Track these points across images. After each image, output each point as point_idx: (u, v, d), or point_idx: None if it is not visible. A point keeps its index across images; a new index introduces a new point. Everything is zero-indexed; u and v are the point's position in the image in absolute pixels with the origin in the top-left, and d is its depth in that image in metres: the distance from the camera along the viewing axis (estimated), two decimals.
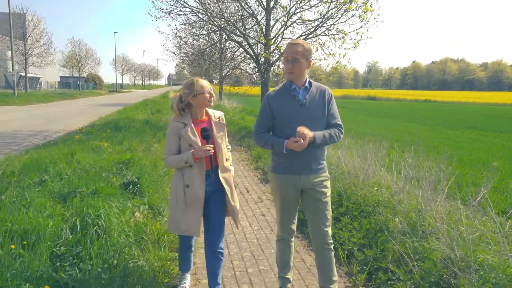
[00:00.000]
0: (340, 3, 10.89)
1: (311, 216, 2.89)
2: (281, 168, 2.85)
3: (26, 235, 2.95)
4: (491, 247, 3.18)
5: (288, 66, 2.73)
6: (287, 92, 2.81)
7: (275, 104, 2.81)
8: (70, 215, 3.37)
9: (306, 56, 2.72)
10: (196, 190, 2.72)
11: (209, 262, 2.88)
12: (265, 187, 6.73)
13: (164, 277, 3.21)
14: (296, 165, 2.79)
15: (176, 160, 2.74)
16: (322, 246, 2.87)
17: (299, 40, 2.76)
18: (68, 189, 4.21)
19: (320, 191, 2.83)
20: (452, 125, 22.68)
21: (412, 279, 3.01)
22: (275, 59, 12.29)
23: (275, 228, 4.79)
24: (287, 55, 2.73)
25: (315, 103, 2.79)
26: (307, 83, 2.82)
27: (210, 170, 2.83)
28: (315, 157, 2.81)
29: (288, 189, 2.85)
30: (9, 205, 3.44)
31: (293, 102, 2.78)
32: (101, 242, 3.09)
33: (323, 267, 2.89)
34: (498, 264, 2.85)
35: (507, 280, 2.69)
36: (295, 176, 2.81)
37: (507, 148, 13.55)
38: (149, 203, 4.50)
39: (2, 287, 2.32)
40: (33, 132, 12.67)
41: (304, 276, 3.53)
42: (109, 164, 5.73)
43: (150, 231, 3.74)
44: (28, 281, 2.41)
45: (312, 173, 2.82)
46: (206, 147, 2.67)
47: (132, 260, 3.11)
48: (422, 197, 3.98)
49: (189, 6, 11.97)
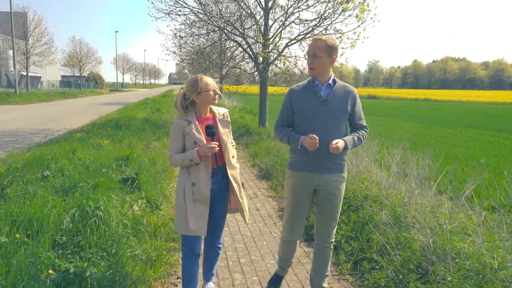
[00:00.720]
0: (337, 3, 11.05)
1: (319, 216, 2.91)
2: (298, 165, 2.84)
3: (30, 225, 3.14)
4: (470, 237, 3.36)
5: (309, 60, 2.70)
6: (310, 88, 2.79)
7: (297, 99, 2.79)
8: (71, 207, 3.56)
9: (328, 52, 2.66)
10: (202, 189, 2.69)
11: (206, 253, 2.96)
12: (260, 183, 6.91)
13: (160, 266, 3.40)
14: (311, 162, 2.76)
15: (181, 158, 2.69)
16: (323, 244, 2.92)
17: (323, 36, 2.71)
18: (69, 184, 4.41)
19: (333, 192, 2.81)
20: (451, 124, 22.84)
21: (393, 267, 3.20)
22: (273, 58, 12.47)
23: (268, 221, 4.97)
24: (308, 50, 2.71)
25: (337, 101, 2.75)
26: (331, 80, 2.77)
27: (216, 168, 2.80)
28: (332, 156, 2.73)
29: (301, 186, 2.83)
30: (14, 198, 3.64)
31: (314, 98, 2.75)
32: (100, 232, 3.28)
33: (319, 263, 2.96)
34: (473, 253, 3.03)
35: (480, 266, 2.87)
36: (310, 174, 2.79)
37: (503, 146, 13.71)
38: (147, 198, 4.70)
39: (9, 272, 2.50)
40: (34, 131, 12.86)
41: (293, 266, 3.71)
42: (109, 160, 5.92)
43: (147, 223, 3.94)
44: (33, 266, 2.60)
45: (328, 172, 2.79)
46: (211, 145, 2.62)
47: (130, 249, 3.29)
48: (407, 191, 4.16)
49: (188, 7, 12.13)
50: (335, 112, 2.74)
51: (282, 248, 3.11)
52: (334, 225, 2.91)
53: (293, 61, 12.92)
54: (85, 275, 2.63)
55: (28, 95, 32.48)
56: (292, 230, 2.96)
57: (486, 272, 2.80)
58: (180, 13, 12.39)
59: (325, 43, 2.65)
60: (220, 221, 2.93)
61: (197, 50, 17.04)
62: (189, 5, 12.13)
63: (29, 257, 2.65)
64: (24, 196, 3.75)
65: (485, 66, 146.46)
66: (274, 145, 8.83)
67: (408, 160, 5.04)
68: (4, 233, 2.95)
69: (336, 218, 2.89)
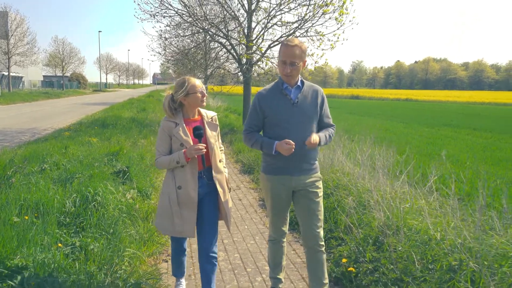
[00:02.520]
0: (317, 6, 11.57)
1: (302, 217, 2.86)
2: (272, 169, 2.81)
3: (37, 208, 3.55)
4: (422, 217, 3.89)
5: (287, 70, 2.64)
6: (279, 91, 2.75)
7: (266, 103, 2.75)
8: (71, 193, 3.97)
9: (303, 57, 2.67)
10: (189, 191, 2.66)
11: (202, 267, 2.84)
12: (243, 177, 7.39)
13: (152, 245, 3.84)
14: (287, 165, 2.74)
15: (168, 160, 2.65)
16: (313, 248, 2.84)
17: (295, 40, 2.61)
18: (66, 175, 4.81)
19: (312, 191, 2.80)
20: (429, 122, 23.53)
21: (355, 242, 3.70)
22: (256, 59, 12.94)
23: (249, 210, 5.44)
24: (284, 58, 2.63)
25: (308, 102, 2.74)
26: (299, 82, 2.76)
27: (203, 171, 2.76)
28: (307, 157, 2.77)
29: (279, 190, 2.80)
30: (19, 186, 4.03)
31: (285, 101, 2.72)
32: (99, 214, 3.70)
33: (314, 270, 2.87)
34: (422, 228, 3.55)
35: (427, 238, 3.40)
36: (286, 176, 2.77)
37: (475, 144, 14.42)
38: (138, 188, 5.13)
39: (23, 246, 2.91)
40: (22, 130, 13.08)
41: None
42: (100, 155, 6.32)
43: (139, 209, 4.37)
44: (43, 241, 3.01)
45: (304, 174, 2.78)
46: (198, 146, 2.59)
47: (126, 230, 3.72)
48: (371, 178, 4.69)
49: (173, 9, 12.50)
50: (307, 113, 2.73)
51: (271, 250, 3.06)
52: (321, 226, 2.86)
53: (276, 62, 13.42)
54: (89, 247, 3.06)
55: (11, 95, 32.29)
56: (277, 228, 2.95)
57: (431, 243, 3.32)
58: (166, 15, 12.76)
59: (300, 49, 2.62)
60: (210, 225, 2.82)
61: (181, 51, 17.39)
62: (174, 7, 12.52)
63: (39, 233, 3.06)
64: (27, 185, 4.14)
65: (465, 67, 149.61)
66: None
67: (375, 154, 5.58)
68: (15, 214, 3.35)
69: (320, 219, 2.86)
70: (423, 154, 11.22)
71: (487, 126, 21.74)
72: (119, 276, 2.92)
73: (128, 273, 3.01)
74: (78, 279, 2.61)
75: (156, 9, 12.41)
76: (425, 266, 3.10)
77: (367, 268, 3.28)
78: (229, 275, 3.52)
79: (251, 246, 4.17)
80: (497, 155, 11.67)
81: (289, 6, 12.04)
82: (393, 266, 3.17)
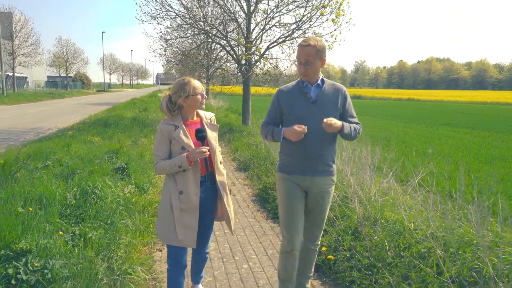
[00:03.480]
0: (314, 7, 11.83)
1: (307, 220, 2.87)
2: (287, 167, 2.81)
3: (40, 201, 3.83)
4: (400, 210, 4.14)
5: (302, 69, 2.65)
6: (299, 88, 2.76)
7: (285, 100, 2.76)
8: (72, 187, 4.26)
9: (319, 56, 2.64)
10: (190, 197, 2.57)
11: (194, 259, 2.93)
12: (239, 174, 7.66)
13: (147, 235, 4.11)
14: (302, 164, 2.73)
15: (169, 165, 2.54)
16: (309, 247, 2.94)
17: (310, 39, 2.61)
18: (68, 171, 5.10)
19: (322, 195, 2.80)
20: (428, 122, 23.66)
21: (336, 233, 3.96)
22: (254, 60, 13.21)
23: (242, 204, 5.71)
24: (299, 57, 2.65)
25: (327, 101, 2.73)
26: (320, 80, 2.75)
27: (206, 176, 2.69)
28: (323, 158, 2.73)
29: (294, 190, 2.78)
30: (23, 181, 4.32)
31: (304, 99, 2.72)
32: (98, 207, 3.98)
33: (304, 264, 2.99)
34: (397, 219, 3.81)
35: (402, 228, 3.65)
36: (300, 176, 2.75)
37: (472, 143, 14.57)
38: (136, 184, 5.41)
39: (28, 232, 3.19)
40: (26, 129, 13.41)
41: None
42: (101, 153, 6.61)
43: (136, 202, 4.65)
44: (46, 229, 3.28)
45: (318, 175, 2.75)
46: (202, 149, 2.51)
47: (122, 221, 4.00)
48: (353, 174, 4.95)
49: (174, 10, 12.80)
50: (326, 112, 2.69)
51: (282, 262, 2.90)
52: (321, 228, 2.91)
53: (274, 63, 13.68)
54: (87, 235, 3.33)
55: (16, 96, 32.71)
56: (291, 236, 2.79)
57: (404, 233, 3.58)
58: (166, 17, 13.06)
59: (315, 49, 2.60)
60: (208, 230, 2.86)
61: (182, 52, 17.67)
62: (174, 9, 12.81)
63: (42, 222, 3.34)
64: (31, 180, 4.43)
65: (468, 67, 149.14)
66: (253, 141, 9.58)
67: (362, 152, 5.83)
68: (20, 206, 3.63)
69: (323, 221, 2.89)
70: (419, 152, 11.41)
71: (486, 125, 21.85)
72: (114, 261, 3.19)
73: (123, 259, 3.28)
74: (77, 262, 2.88)
75: (157, 11, 12.72)
76: (397, 254, 3.36)
77: (344, 255, 3.55)
78: (218, 263, 3.79)
79: (240, 238, 4.43)
80: (491, 154, 11.81)
81: (287, 8, 12.32)
82: (367, 254, 3.43)
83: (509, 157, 11.27)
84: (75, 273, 2.79)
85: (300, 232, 2.81)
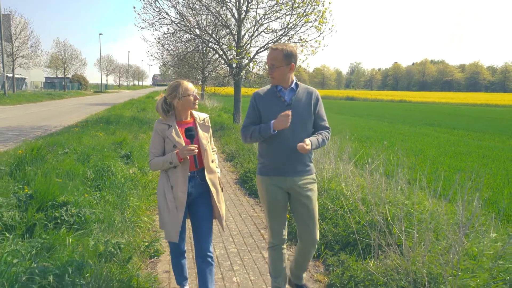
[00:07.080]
0: (299, 16, 13.01)
1: (298, 221, 2.92)
2: (267, 170, 2.85)
3: (68, 175, 5.01)
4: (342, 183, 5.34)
5: (269, 70, 2.75)
6: (274, 92, 2.82)
7: (261, 103, 2.82)
8: (90, 167, 5.46)
9: (286, 61, 2.70)
10: (177, 193, 2.71)
11: (199, 267, 2.82)
12: (225, 163, 8.89)
13: (149, 202, 5.30)
14: (281, 166, 2.78)
15: (161, 161, 2.71)
16: (308, 245, 2.97)
17: (280, 44, 2.72)
18: (84, 156, 6.28)
19: (306, 195, 2.83)
20: (413, 122, 24.41)
21: None
22: (244, 64, 14.37)
23: (226, 185, 6.89)
24: (267, 60, 2.75)
25: (301, 104, 2.79)
26: (293, 84, 2.82)
27: (195, 172, 2.81)
28: (301, 158, 2.79)
29: (274, 192, 2.82)
30: (53, 161, 5.52)
31: (278, 102, 2.79)
32: (111, 180, 5.17)
33: (300, 259, 3.05)
34: (339, 189, 5.01)
35: (341, 195, 4.85)
36: (280, 177, 2.80)
37: (446, 140, 15.59)
38: (139, 167, 6.61)
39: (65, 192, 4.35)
40: (34, 127, 14.53)
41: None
42: (108, 144, 7.80)
43: (139, 179, 5.84)
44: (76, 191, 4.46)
45: (298, 175, 2.80)
46: (190, 147, 2.65)
47: (129, 191, 5.19)
48: (320, 162, 6.16)
49: (170, 18, 13.94)
50: (300, 115, 2.77)
51: (271, 257, 3.01)
52: (315, 225, 2.91)
53: (263, 66, 14.85)
54: (105, 198, 4.52)
55: (17, 96, 33.63)
56: (275, 233, 2.92)
57: (341, 197, 4.78)
58: (163, 24, 14.20)
59: (281, 53, 2.68)
60: (204, 224, 2.85)
61: (177, 56, 18.80)
62: (171, 16, 13.97)
63: (73, 188, 4.52)
64: (57, 161, 5.62)
65: (462, 69, 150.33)
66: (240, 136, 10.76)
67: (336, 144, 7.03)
68: (53, 177, 4.82)
69: (315, 221, 2.90)
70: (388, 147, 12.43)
71: (468, 125, 22.71)
72: (125, 215, 4.37)
73: (132, 214, 4.48)
74: (101, 211, 4.07)
75: (155, 18, 13.85)
76: (335, 211, 4.55)
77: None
78: None
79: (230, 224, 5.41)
80: (460, 150, 12.82)
81: (276, 15, 13.45)
82: None
83: (474, 152, 12.33)
84: (99, 219, 3.97)
85: (282, 231, 2.92)
